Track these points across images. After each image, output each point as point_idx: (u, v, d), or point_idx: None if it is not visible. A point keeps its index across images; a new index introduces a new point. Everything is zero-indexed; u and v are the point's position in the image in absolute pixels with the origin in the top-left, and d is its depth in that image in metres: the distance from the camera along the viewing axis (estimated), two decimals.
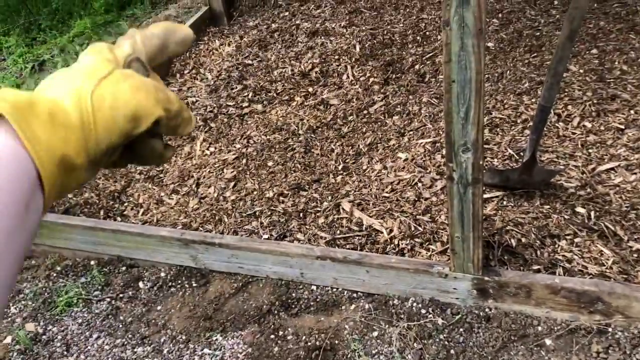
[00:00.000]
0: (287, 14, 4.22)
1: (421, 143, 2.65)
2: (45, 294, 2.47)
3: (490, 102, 2.79)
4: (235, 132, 3.10)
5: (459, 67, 1.61)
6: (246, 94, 3.38)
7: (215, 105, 3.33)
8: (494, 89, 2.90)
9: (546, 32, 3.29)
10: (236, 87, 3.46)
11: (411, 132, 2.76)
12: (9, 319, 2.40)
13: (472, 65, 1.59)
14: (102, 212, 2.69)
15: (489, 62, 3.12)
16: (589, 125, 2.55)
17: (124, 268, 2.50)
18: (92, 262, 2.55)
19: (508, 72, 3.01)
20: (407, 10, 3.85)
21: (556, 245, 2.07)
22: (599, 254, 2.02)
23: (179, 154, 3.03)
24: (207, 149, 3.03)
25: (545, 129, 2.33)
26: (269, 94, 3.34)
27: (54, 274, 2.56)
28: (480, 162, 1.75)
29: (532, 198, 2.26)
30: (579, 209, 2.18)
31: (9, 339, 2.29)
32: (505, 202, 2.26)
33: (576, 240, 2.08)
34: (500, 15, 3.55)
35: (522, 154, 2.41)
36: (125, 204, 2.76)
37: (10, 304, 2.46)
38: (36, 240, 2.64)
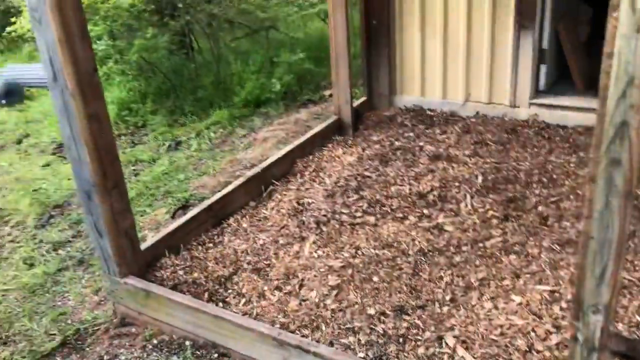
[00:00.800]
0: (411, 134, 4.34)
1: (538, 289, 2.52)
2: None
3: None
4: (345, 239, 3.13)
5: (600, 224, 1.55)
6: (361, 204, 3.44)
7: (329, 210, 3.41)
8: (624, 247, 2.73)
9: None
10: (352, 196, 3.53)
11: (528, 275, 2.64)
12: None
13: (615, 225, 1.53)
14: (206, 295, 2.77)
15: None
16: None
17: (215, 355, 2.52)
18: (187, 343, 2.59)
19: None
20: (535, 150, 3.83)
21: None
22: None
23: (287, 252, 3.09)
24: (315, 252, 3.07)
25: None
26: (384, 208, 3.38)
27: (150, 346, 2.63)
28: (610, 327, 1.62)
29: None
30: None
31: None
32: None
33: None
34: None
35: None
36: (230, 290, 2.82)
37: None
38: (140, 309, 2.75)
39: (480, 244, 2.91)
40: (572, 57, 4.33)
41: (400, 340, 2.36)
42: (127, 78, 6.10)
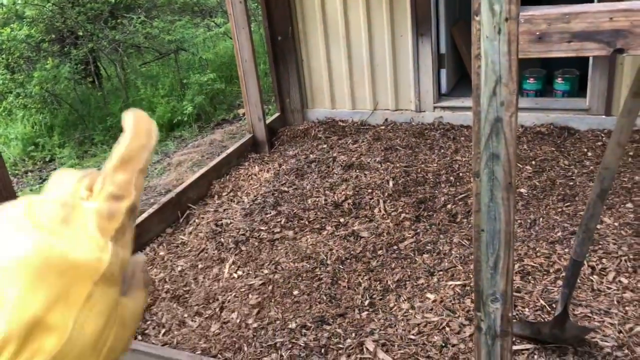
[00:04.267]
0: (325, 146, 4.40)
1: (451, 285, 2.61)
2: None
3: (522, 248, 2.76)
4: (264, 256, 3.12)
5: (488, 217, 1.63)
6: (279, 219, 3.44)
7: (248, 228, 3.39)
8: (526, 235, 2.88)
9: (580, 182, 3.32)
10: (270, 213, 3.53)
11: (441, 273, 2.73)
12: None
13: (502, 217, 1.61)
14: None
15: (521, 208, 3.14)
16: (625, 281, 2.48)
17: None
18: None
19: (541, 219, 3.01)
20: (442, 151, 3.98)
21: None
22: None
23: (206, 275, 3.04)
24: (235, 272, 3.04)
25: (578, 281, 2.28)
26: (301, 222, 3.40)
27: None
28: (510, 314, 1.70)
29: (564, 354, 2.15)
30: None
31: None
32: (536, 357, 2.16)
33: None
34: (533, 162, 3.62)
35: (554, 305, 2.34)
36: (148, 322, 2.74)
37: None
38: None
39: (395, 247, 2.99)
40: (468, 60, 4.54)
41: (322, 351, 2.37)
42: (30, 112, 5.84)
